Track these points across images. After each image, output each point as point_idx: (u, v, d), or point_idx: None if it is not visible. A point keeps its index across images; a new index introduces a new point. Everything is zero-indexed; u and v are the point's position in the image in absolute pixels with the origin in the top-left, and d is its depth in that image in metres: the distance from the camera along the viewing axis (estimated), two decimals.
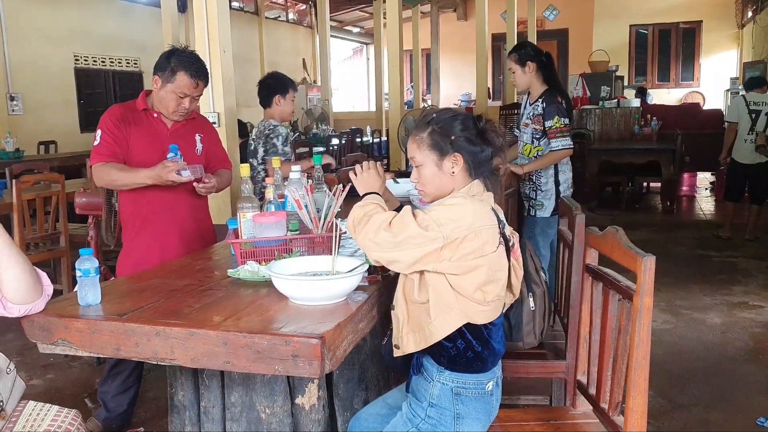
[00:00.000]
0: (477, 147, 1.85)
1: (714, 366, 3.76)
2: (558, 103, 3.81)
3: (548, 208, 3.90)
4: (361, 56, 21.64)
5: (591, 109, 10.01)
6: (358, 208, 1.85)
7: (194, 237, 2.94)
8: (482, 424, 1.83)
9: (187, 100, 2.79)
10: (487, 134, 1.86)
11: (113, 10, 11.23)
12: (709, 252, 6.46)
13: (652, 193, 10.14)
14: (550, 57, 4.00)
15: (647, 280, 1.64)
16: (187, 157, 2.84)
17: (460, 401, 1.79)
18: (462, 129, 1.85)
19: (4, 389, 1.91)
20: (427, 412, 1.81)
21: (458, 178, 1.86)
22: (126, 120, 2.80)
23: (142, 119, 2.84)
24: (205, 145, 3.00)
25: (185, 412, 2.15)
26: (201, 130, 3.01)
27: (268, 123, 4.03)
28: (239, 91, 5.02)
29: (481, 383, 1.80)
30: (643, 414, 1.71)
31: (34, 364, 3.83)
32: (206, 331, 1.65)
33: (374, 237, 1.73)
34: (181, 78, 2.73)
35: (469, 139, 1.84)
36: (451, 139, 1.84)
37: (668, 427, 3.08)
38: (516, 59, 3.92)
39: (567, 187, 3.95)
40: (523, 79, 3.93)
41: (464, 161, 1.84)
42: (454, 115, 1.90)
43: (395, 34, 7.52)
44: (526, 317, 2.31)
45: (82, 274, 1.85)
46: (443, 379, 1.79)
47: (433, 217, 1.71)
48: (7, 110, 9.39)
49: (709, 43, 14.70)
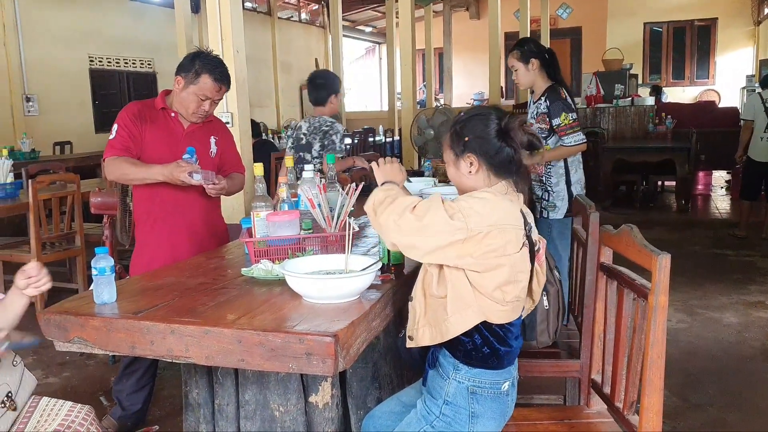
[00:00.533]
0: (494, 147, 1.80)
1: (730, 366, 3.73)
2: (562, 99, 3.67)
3: (561, 210, 3.76)
4: (373, 56, 21.64)
5: (605, 107, 9.95)
6: (380, 191, 1.83)
7: (205, 237, 2.95)
8: (497, 424, 1.82)
9: (208, 103, 2.81)
10: (509, 133, 1.80)
11: (127, 12, 11.30)
12: (725, 251, 6.41)
13: (667, 192, 10.07)
14: (553, 53, 3.86)
15: (662, 278, 1.63)
16: (201, 159, 2.86)
17: (475, 400, 1.78)
18: (480, 129, 1.81)
19: (13, 381, 1.93)
20: (442, 410, 1.80)
21: (479, 179, 1.82)
22: (143, 117, 2.82)
23: (159, 118, 2.86)
24: (220, 148, 3.01)
25: (200, 410, 2.16)
26: (216, 133, 3.02)
27: (324, 120, 4.10)
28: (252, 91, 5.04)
29: (497, 383, 1.80)
30: (658, 413, 1.70)
31: (50, 362, 3.87)
32: (220, 329, 1.65)
33: (398, 219, 1.70)
34: (204, 81, 2.75)
35: (485, 139, 1.80)
36: (465, 140, 1.82)
37: (684, 427, 3.06)
38: (519, 56, 3.77)
39: (580, 187, 3.81)
40: (527, 77, 3.79)
41: (479, 162, 1.81)
42: (478, 114, 1.86)
43: (408, 34, 7.51)
44: (539, 316, 2.29)
45: (97, 273, 1.87)
46: (459, 377, 1.78)
47: (459, 207, 1.68)
48: (23, 111, 9.46)
49: (725, 41, 14.59)
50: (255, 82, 12.71)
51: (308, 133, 4.11)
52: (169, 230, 2.87)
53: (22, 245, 4.82)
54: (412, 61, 7.53)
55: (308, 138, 4.09)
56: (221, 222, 3.13)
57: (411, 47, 7.49)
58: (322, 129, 4.07)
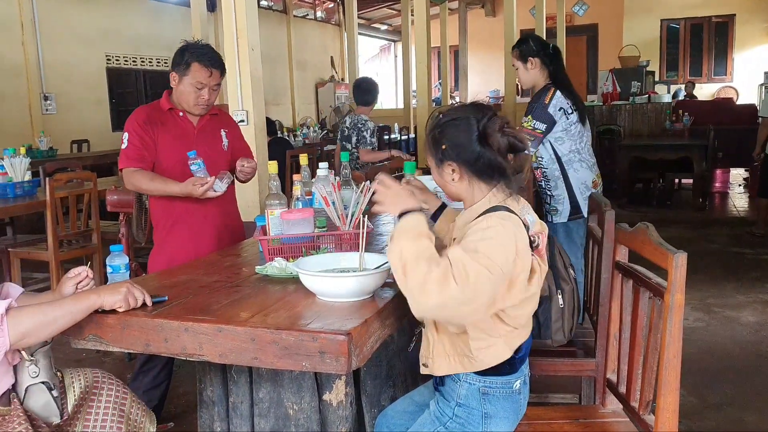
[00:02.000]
0: (473, 154, 1.70)
1: (748, 365, 3.70)
2: (542, 105, 3.45)
3: (563, 213, 3.57)
4: (389, 53, 21.62)
5: (621, 104, 9.89)
6: (409, 242, 1.59)
7: (226, 233, 2.98)
8: (510, 422, 1.81)
9: (206, 91, 2.82)
10: (487, 138, 1.68)
11: (144, 10, 11.37)
12: (743, 249, 6.34)
13: (684, 190, 9.99)
14: (557, 51, 3.68)
15: (678, 277, 1.61)
16: (215, 153, 2.88)
17: (487, 401, 1.77)
18: (456, 135, 1.71)
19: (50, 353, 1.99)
20: (455, 412, 1.79)
21: (463, 186, 1.75)
22: (152, 121, 2.84)
23: (168, 119, 2.88)
24: (230, 140, 3.03)
25: (214, 408, 2.17)
26: (225, 126, 3.05)
27: (360, 117, 5.12)
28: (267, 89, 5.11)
29: (508, 383, 1.78)
30: (674, 413, 1.68)
31: (67, 359, 3.89)
32: (234, 327, 1.66)
33: (440, 295, 1.51)
34: (195, 69, 2.77)
35: (462, 146, 1.70)
36: (443, 148, 1.73)
37: (701, 427, 3.03)
38: (518, 55, 3.62)
39: (585, 187, 3.55)
40: (527, 77, 3.64)
41: (461, 170, 1.72)
42: (454, 119, 1.74)
43: (423, 31, 7.50)
44: (554, 315, 2.27)
45: (112, 271, 1.88)
46: (470, 379, 1.77)
47: (485, 253, 1.54)
48: (41, 110, 9.55)
49: (743, 37, 14.44)
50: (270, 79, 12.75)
51: (350, 127, 5.14)
52: (190, 231, 2.90)
53: (40, 243, 4.86)
54: (427, 59, 7.52)
55: (349, 131, 5.13)
56: (239, 221, 3.15)
57: (426, 45, 7.48)
58: (357, 126, 5.09)
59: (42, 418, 1.87)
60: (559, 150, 3.54)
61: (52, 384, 1.91)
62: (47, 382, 1.90)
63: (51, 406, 1.90)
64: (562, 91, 3.52)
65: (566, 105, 3.49)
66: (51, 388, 1.90)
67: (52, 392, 1.90)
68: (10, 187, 4.94)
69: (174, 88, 2.87)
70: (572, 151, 3.55)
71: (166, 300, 1.86)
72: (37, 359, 1.90)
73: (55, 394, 1.91)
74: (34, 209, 4.88)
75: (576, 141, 3.56)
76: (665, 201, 9.07)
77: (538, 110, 3.46)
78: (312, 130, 11.22)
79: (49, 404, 1.90)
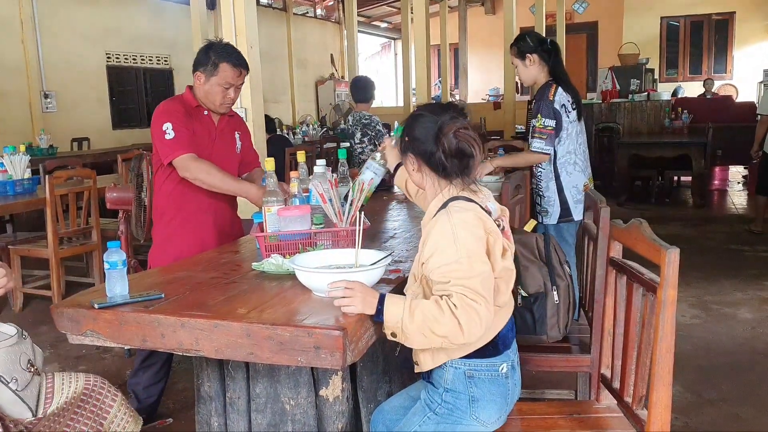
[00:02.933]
0: (428, 150, 1.80)
1: (744, 361, 3.71)
2: (548, 101, 3.49)
3: (554, 215, 3.60)
4: (389, 51, 21.62)
5: (620, 102, 9.89)
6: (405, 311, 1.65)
7: (228, 231, 3.01)
8: (498, 406, 1.83)
9: (232, 90, 2.85)
10: (441, 137, 1.78)
11: (144, 8, 11.36)
12: (741, 247, 6.36)
13: (683, 188, 10.00)
14: (555, 46, 3.70)
15: (671, 272, 1.63)
16: (229, 155, 2.94)
17: (473, 384, 1.79)
18: (417, 130, 1.83)
19: (28, 350, 1.98)
20: (443, 397, 1.82)
21: (421, 177, 1.86)
22: (189, 115, 2.85)
23: (197, 116, 2.90)
24: (243, 143, 3.08)
25: (211, 403, 2.18)
26: (239, 128, 3.10)
27: (363, 114, 5.23)
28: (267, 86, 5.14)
29: (493, 365, 1.81)
30: (666, 407, 1.69)
31: (66, 356, 3.91)
32: (230, 323, 1.67)
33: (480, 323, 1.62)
34: (224, 69, 2.79)
35: (420, 140, 1.82)
36: (405, 139, 1.86)
37: (697, 423, 3.05)
38: (516, 53, 3.67)
39: (576, 191, 3.58)
40: (526, 74, 3.67)
41: (419, 163, 1.84)
42: (420, 114, 1.87)
43: (422, 29, 7.50)
44: (550, 311, 2.29)
45: (109, 267, 1.89)
46: (455, 363, 1.80)
47: (465, 249, 1.65)
48: (42, 108, 9.55)
49: (743, 35, 14.43)
50: (270, 77, 12.76)
51: (353, 124, 5.24)
52: (197, 227, 2.92)
53: (40, 240, 4.88)
54: (426, 57, 7.52)
55: (352, 128, 5.23)
56: (238, 219, 3.17)
57: (426, 43, 7.49)
58: (362, 122, 5.17)
59: (12, 415, 1.87)
60: (558, 150, 3.56)
61: (8, 378, 1.88)
62: (2, 376, 1.87)
63: (18, 402, 1.88)
64: (563, 86, 3.55)
65: (567, 101, 3.53)
66: (6, 382, 1.87)
67: (9, 385, 1.87)
68: (10, 184, 4.97)
69: (198, 88, 2.87)
70: (568, 152, 3.58)
71: (162, 297, 1.88)
72: None
73: (15, 388, 1.88)
74: (34, 207, 4.90)
75: (573, 141, 3.58)
76: (664, 199, 9.09)
77: (545, 108, 3.50)
78: (312, 127, 11.22)
79: (15, 401, 1.88)
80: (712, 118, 9.20)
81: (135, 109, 11.33)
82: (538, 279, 2.26)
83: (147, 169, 3.88)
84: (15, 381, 1.89)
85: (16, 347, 1.93)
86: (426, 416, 1.84)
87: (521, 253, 2.29)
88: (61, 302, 1.91)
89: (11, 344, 1.91)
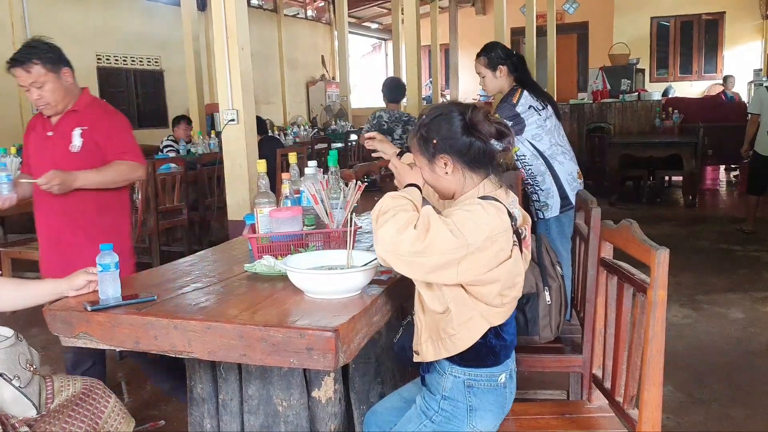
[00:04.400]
0: (464, 144, 1.76)
1: (736, 361, 3.73)
2: (510, 104, 3.51)
3: (554, 207, 3.61)
4: (379, 52, 21.62)
5: (611, 102, 9.92)
6: (391, 198, 1.72)
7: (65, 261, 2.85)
8: (496, 416, 1.83)
9: (34, 92, 2.78)
10: (476, 126, 1.76)
11: (134, 9, 11.33)
12: (732, 246, 6.39)
13: (674, 187, 10.04)
14: (521, 58, 3.73)
15: (661, 273, 1.63)
16: (58, 156, 2.83)
17: (472, 393, 1.78)
18: (446, 128, 1.78)
19: (25, 351, 2.01)
20: (440, 405, 1.81)
21: (456, 178, 1.80)
22: (29, 127, 2.97)
23: (39, 123, 2.95)
24: (89, 139, 2.84)
25: (204, 405, 2.18)
26: (84, 123, 2.86)
27: (402, 113, 5.58)
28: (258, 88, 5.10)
29: (493, 376, 1.80)
30: (657, 407, 1.70)
31: (58, 358, 3.89)
32: (222, 325, 1.67)
33: (396, 235, 1.59)
34: (14, 74, 2.78)
35: (453, 137, 1.77)
36: (434, 142, 1.78)
37: (688, 423, 3.06)
38: (486, 63, 3.65)
39: (572, 178, 3.61)
40: (494, 84, 3.68)
41: (453, 162, 1.78)
42: (440, 114, 1.81)
43: (413, 30, 7.51)
44: (542, 311, 2.31)
45: (102, 269, 1.89)
46: (455, 372, 1.79)
47: (455, 221, 1.61)
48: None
49: (733, 35, 14.50)
50: (261, 78, 12.75)
51: (389, 121, 5.48)
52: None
53: (31, 242, 4.85)
54: (417, 58, 7.53)
55: (390, 125, 5.44)
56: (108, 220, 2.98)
57: (416, 43, 7.49)
58: (402, 119, 5.48)
59: (16, 414, 1.88)
60: (540, 146, 3.58)
61: (10, 376, 1.90)
62: (3, 374, 1.89)
63: (21, 399, 1.90)
64: (529, 90, 3.57)
65: (535, 103, 3.54)
66: (8, 379, 1.89)
67: (12, 382, 1.89)
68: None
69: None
70: (553, 144, 3.60)
71: (155, 299, 1.87)
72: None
73: (18, 385, 1.90)
74: (25, 209, 4.85)
75: (554, 135, 3.60)
76: (655, 199, 9.12)
77: (506, 109, 3.51)
78: (303, 128, 11.22)
79: (18, 398, 1.90)
80: (702, 117, 9.24)
81: (126, 110, 11.26)
82: (530, 280, 2.27)
83: None
84: (17, 378, 1.92)
85: (14, 348, 1.95)
86: (422, 424, 1.82)
87: None
88: (54, 305, 1.90)
89: (9, 345, 1.94)
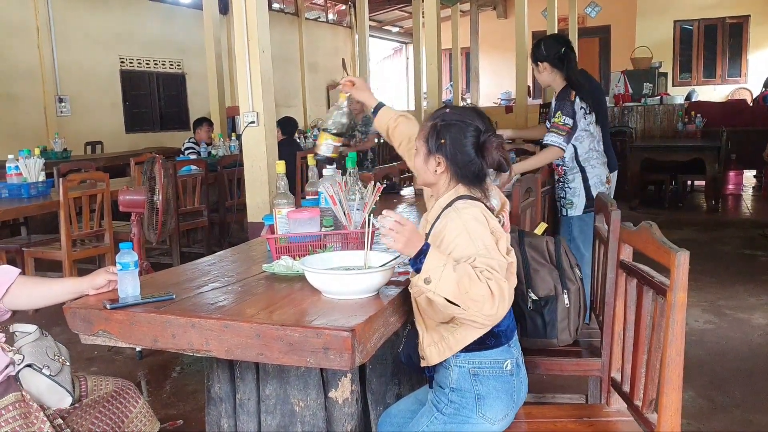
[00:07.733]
0: (466, 159, 1.83)
1: (758, 367, 3.67)
2: (569, 101, 3.63)
3: (579, 206, 3.77)
4: (400, 55, 21.64)
5: (633, 106, 9.85)
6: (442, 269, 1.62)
7: None
8: (504, 403, 1.82)
9: None
10: (485, 150, 1.82)
11: (157, 13, 11.45)
12: (756, 252, 6.30)
13: (697, 192, 9.93)
14: (568, 50, 3.77)
15: (681, 275, 1.62)
16: None
17: (478, 381, 1.80)
18: (459, 137, 1.83)
19: (51, 345, 2.04)
20: (449, 397, 1.83)
21: (442, 179, 1.87)
22: None
23: None
24: None
25: (221, 405, 2.19)
26: None
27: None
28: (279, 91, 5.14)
29: (497, 362, 1.81)
30: (677, 411, 1.68)
31: (78, 357, 3.93)
32: (240, 324, 1.68)
33: (499, 287, 1.62)
34: None
35: (460, 148, 1.83)
36: (441, 141, 1.84)
37: (709, 429, 3.02)
38: (532, 58, 3.85)
39: (600, 182, 3.77)
40: (541, 78, 3.85)
41: (447, 167, 1.84)
42: (463, 121, 1.85)
43: (433, 33, 7.51)
44: (560, 314, 2.29)
45: (121, 268, 1.90)
46: (459, 362, 1.81)
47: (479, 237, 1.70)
48: (56, 112, 9.64)
49: (757, 38, 14.32)
50: (282, 81, 12.81)
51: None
52: None
53: (53, 242, 4.92)
54: (438, 61, 7.52)
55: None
56: None
57: (437, 47, 7.49)
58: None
59: (54, 403, 1.91)
60: (579, 148, 3.74)
61: (40, 365, 1.93)
62: (33, 364, 1.92)
63: (56, 388, 1.93)
64: (579, 94, 3.69)
65: (585, 107, 3.68)
66: (39, 368, 1.92)
67: (43, 371, 1.92)
68: (24, 187, 5.01)
69: None
70: (590, 149, 3.76)
71: (174, 298, 1.89)
72: (20, 348, 1.94)
73: (48, 373, 1.93)
74: (48, 209, 4.94)
75: (594, 140, 3.77)
76: (677, 203, 9.03)
77: (567, 107, 3.63)
78: None
79: (52, 386, 1.93)
80: (725, 122, 9.14)
81: (148, 113, 11.41)
82: (549, 282, 2.26)
83: (160, 172, 3.90)
84: (47, 368, 1.95)
85: (40, 342, 1.99)
86: (433, 416, 1.84)
87: (531, 257, 2.29)
88: (74, 303, 1.92)
89: (34, 339, 1.97)
